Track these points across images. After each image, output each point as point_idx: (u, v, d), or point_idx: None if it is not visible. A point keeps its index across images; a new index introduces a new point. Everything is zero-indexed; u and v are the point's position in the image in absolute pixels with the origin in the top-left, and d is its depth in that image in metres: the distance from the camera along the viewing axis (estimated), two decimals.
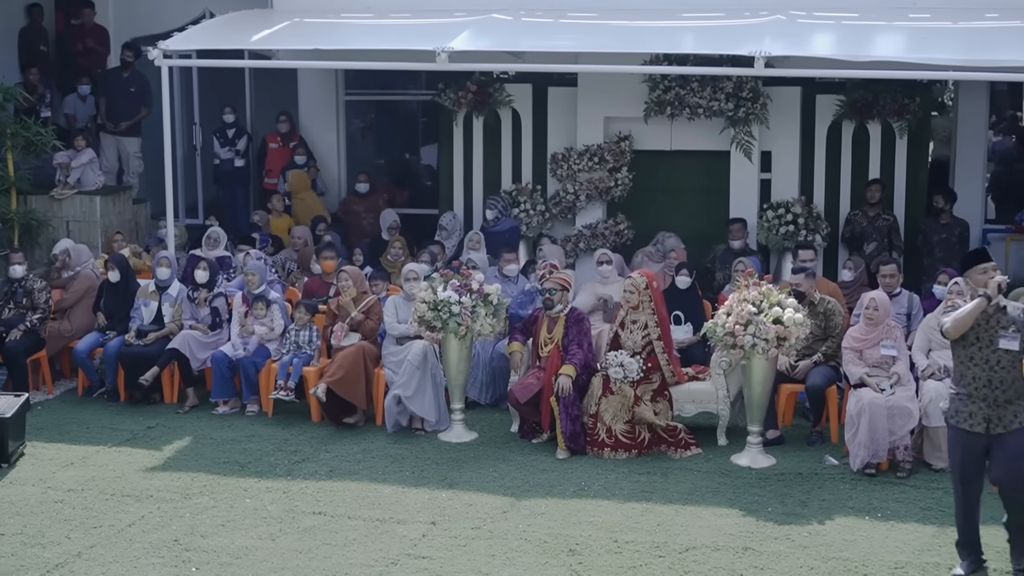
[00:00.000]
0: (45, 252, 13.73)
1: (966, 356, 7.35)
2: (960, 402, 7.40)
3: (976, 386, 7.32)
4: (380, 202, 14.93)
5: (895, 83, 12.91)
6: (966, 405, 7.37)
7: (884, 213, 13.09)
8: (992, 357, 7.29)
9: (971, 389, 7.34)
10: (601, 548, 8.08)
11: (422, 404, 10.62)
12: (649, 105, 13.25)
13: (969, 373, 7.34)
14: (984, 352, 7.30)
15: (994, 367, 7.29)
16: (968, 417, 7.35)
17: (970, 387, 7.34)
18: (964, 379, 7.38)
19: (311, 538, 8.28)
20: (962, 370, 7.40)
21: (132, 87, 15.29)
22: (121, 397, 11.53)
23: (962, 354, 7.37)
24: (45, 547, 8.14)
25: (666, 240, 13.30)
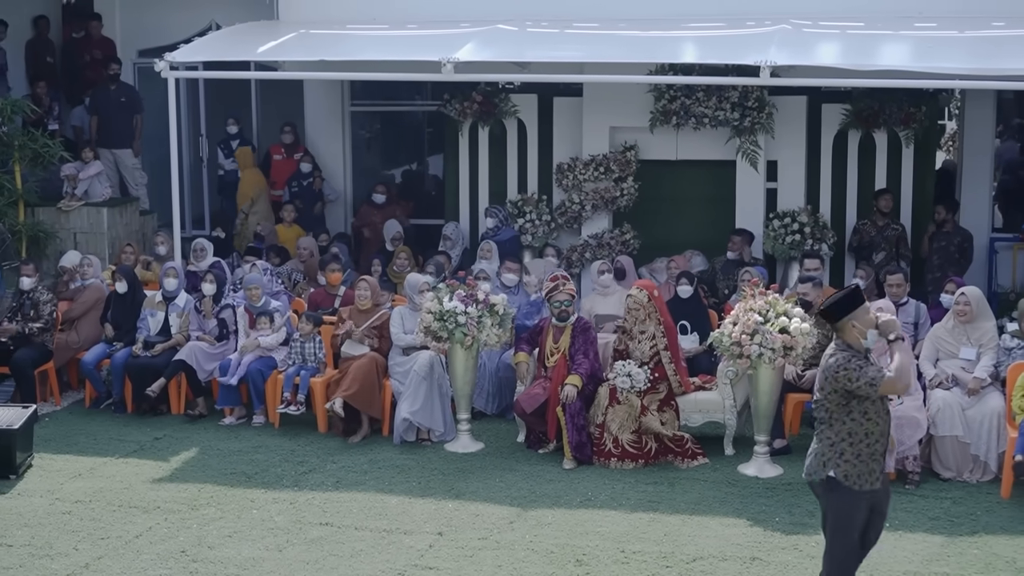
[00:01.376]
0: (52, 264, 13.75)
1: (860, 412, 6.48)
2: (862, 464, 6.51)
3: (875, 440, 6.54)
4: (397, 212, 14.93)
5: (901, 92, 12.90)
6: (868, 465, 6.52)
7: (893, 223, 13.08)
8: (885, 405, 6.62)
9: (874, 448, 6.53)
10: (608, 558, 8.07)
11: (429, 415, 10.62)
12: (655, 115, 13.24)
13: (863, 429, 6.50)
14: (879, 403, 6.56)
15: (885, 415, 6.62)
16: (868, 476, 6.54)
17: (873, 445, 6.52)
18: (860, 437, 6.51)
19: (318, 549, 8.27)
20: (855, 428, 6.51)
21: (122, 98, 15.31)
22: (128, 408, 11.54)
23: (856, 411, 6.48)
24: (53, 558, 8.14)
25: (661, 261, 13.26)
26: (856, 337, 6.52)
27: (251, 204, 15.22)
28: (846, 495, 6.53)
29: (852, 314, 6.55)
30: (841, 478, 6.51)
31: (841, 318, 6.56)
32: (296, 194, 15.26)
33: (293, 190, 15.33)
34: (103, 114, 15.27)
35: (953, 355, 9.92)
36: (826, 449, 6.57)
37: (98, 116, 15.30)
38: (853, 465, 6.51)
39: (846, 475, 6.51)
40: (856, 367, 6.40)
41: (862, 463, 6.51)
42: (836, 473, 6.52)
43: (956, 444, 9.53)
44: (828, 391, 6.54)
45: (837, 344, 6.59)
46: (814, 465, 6.64)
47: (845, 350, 6.51)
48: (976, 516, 8.79)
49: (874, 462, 6.55)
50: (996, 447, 9.46)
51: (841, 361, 6.45)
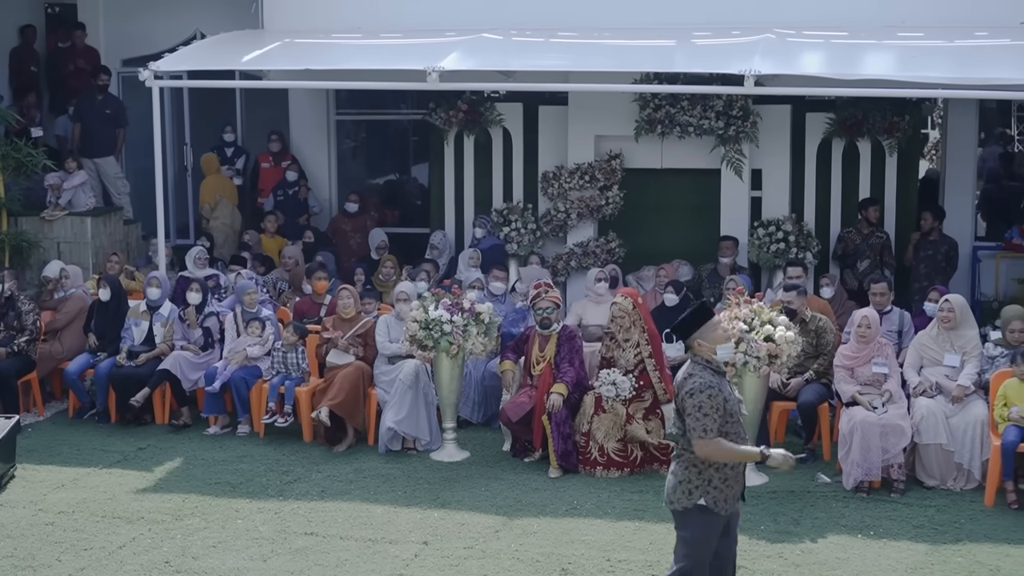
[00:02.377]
0: (36, 273, 13.71)
1: (733, 431, 6.38)
2: (728, 488, 6.40)
3: (737, 463, 6.46)
4: (368, 222, 14.94)
5: (885, 101, 12.94)
6: (732, 488, 6.43)
7: (877, 231, 13.11)
8: (741, 421, 6.50)
9: (736, 470, 6.45)
10: (594, 567, 8.07)
11: (414, 424, 10.61)
12: (640, 124, 13.26)
13: None
14: (739, 422, 6.45)
15: (744, 433, 6.51)
16: (733, 499, 6.47)
17: (737, 467, 6.44)
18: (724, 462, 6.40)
19: (303, 559, 8.25)
20: None
21: (107, 109, 15.28)
22: (112, 418, 11.51)
23: (729, 429, 6.36)
24: (36, 570, 8.11)
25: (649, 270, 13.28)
26: (707, 353, 6.38)
27: (211, 209, 15.23)
28: (711, 520, 6.39)
29: (698, 332, 6.40)
30: (710, 505, 6.36)
31: (688, 336, 6.44)
32: (281, 203, 15.26)
33: (279, 199, 15.32)
34: (87, 124, 15.23)
35: (937, 363, 9.95)
36: (692, 476, 6.37)
37: (81, 125, 15.26)
38: (720, 491, 6.37)
39: (715, 501, 6.36)
40: (697, 404, 6.23)
41: (728, 487, 6.38)
42: (706, 501, 6.35)
43: (940, 452, 9.55)
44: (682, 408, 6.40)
45: (694, 360, 6.43)
46: (679, 493, 6.41)
47: (705, 368, 6.36)
48: (960, 524, 8.81)
49: (736, 484, 6.44)
50: (980, 455, 9.49)
51: (692, 386, 6.30)
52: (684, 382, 6.37)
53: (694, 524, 6.41)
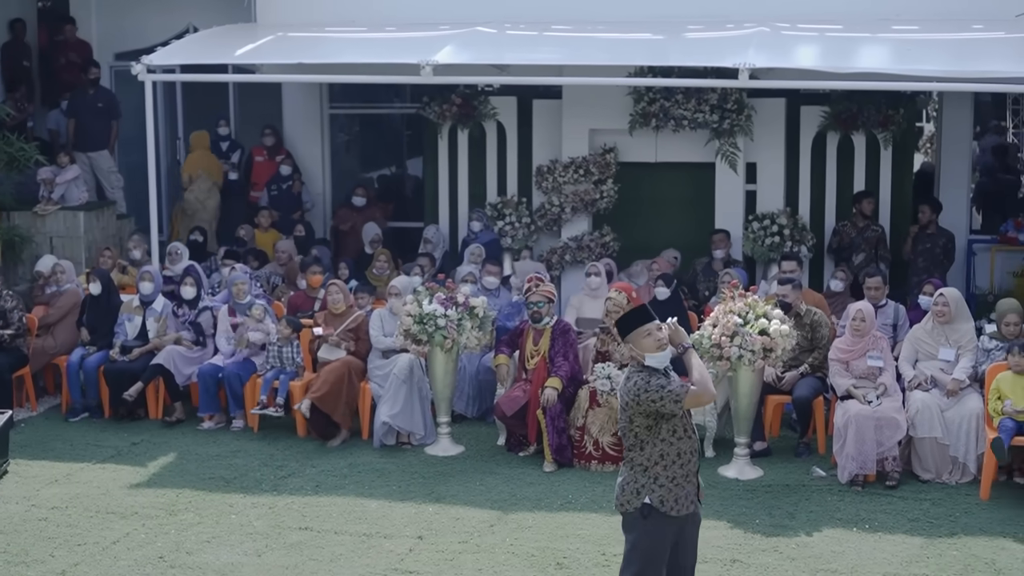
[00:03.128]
0: (28, 268, 13.67)
1: (669, 431, 6.23)
2: (677, 488, 6.23)
3: (687, 459, 6.28)
4: (377, 215, 14.91)
5: (879, 94, 12.92)
6: (683, 488, 6.25)
7: (872, 224, 13.10)
8: (690, 420, 6.39)
9: (687, 468, 6.27)
10: (589, 561, 8.06)
11: (408, 418, 10.59)
12: (634, 117, 13.24)
13: (675, 449, 6.25)
14: (686, 418, 6.32)
15: (693, 432, 6.38)
16: (685, 500, 6.28)
17: (686, 466, 6.27)
18: (673, 458, 6.25)
19: (297, 554, 8.24)
20: (666, 450, 6.24)
21: (100, 103, 15.24)
22: (105, 413, 11.47)
23: (664, 430, 6.22)
24: (29, 565, 8.09)
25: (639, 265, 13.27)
26: (636, 357, 6.28)
27: (190, 180, 15.20)
28: (659, 522, 6.23)
29: (630, 335, 6.31)
30: (657, 504, 6.21)
31: (623, 337, 6.36)
32: (275, 197, 15.23)
33: (272, 193, 15.29)
34: (80, 118, 15.19)
35: (932, 356, 9.95)
36: (639, 476, 6.25)
37: (75, 120, 15.22)
38: (668, 490, 6.21)
39: (662, 500, 6.21)
40: (657, 386, 6.13)
41: (677, 487, 6.23)
42: (652, 499, 6.21)
43: (935, 445, 9.55)
44: (632, 414, 6.23)
45: (632, 364, 6.35)
46: (627, 494, 6.29)
47: (641, 370, 6.25)
48: (955, 517, 8.80)
49: (688, 484, 6.27)
50: (975, 448, 9.49)
51: (640, 383, 6.18)
52: (625, 387, 6.28)
53: (641, 525, 6.27)
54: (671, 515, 6.22)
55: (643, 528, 6.26)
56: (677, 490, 6.23)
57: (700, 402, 6.33)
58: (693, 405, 6.27)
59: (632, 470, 6.31)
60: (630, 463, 6.33)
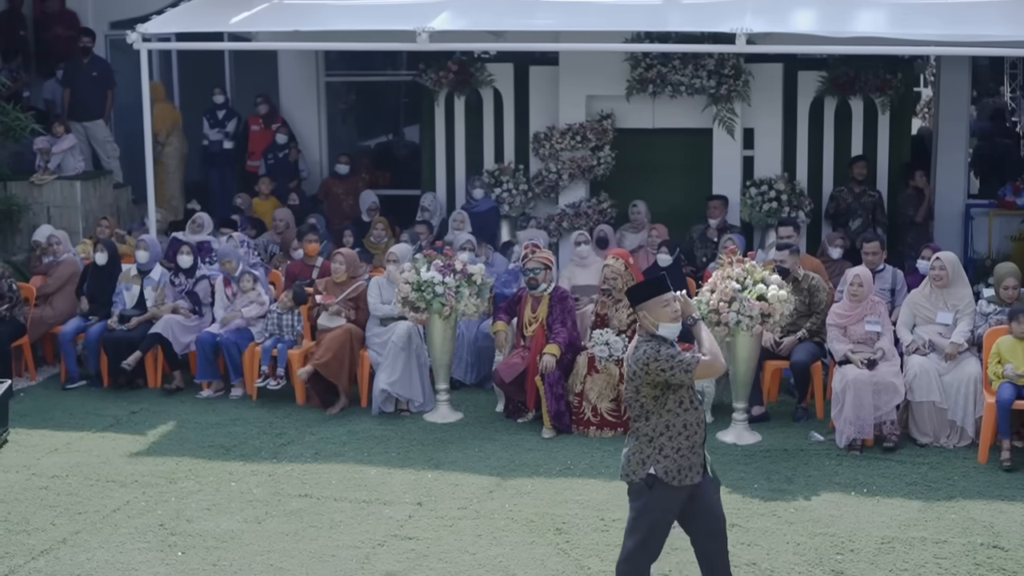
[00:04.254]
0: (26, 238, 13.66)
1: (676, 403, 6.20)
2: (682, 458, 6.20)
3: (694, 431, 6.25)
4: (360, 184, 14.90)
5: (877, 59, 12.91)
6: (688, 459, 6.22)
7: (869, 189, 13.10)
8: (697, 394, 6.41)
9: (693, 439, 6.23)
10: (588, 526, 8.08)
11: (407, 386, 10.61)
12: (631, 83, 13.21)
13: (680, 420, 6.21)
14: (691, 390, 6.30)
15: (699, 403, 6.37)
16: (689, 471, 6.23)
17: (692, 437, 6.23)
18: (679, 429, 6.21)
19: (297, 521, 8.26)
20: (672, 420, 6.21)
21: (94, 72, 15.18)
22: (104, 382, 11.48)
23: (671, 401, 6.19)
24: (30, 534, 8.10)
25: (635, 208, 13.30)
26: (648, 326, 6.22)
27: (166, 135, 15.19)
28: (664, 492, 6.21)
29: (645, 304, 6.25)
30: (661, 474, 6.17)
31: (635, 305, 6.31)
32: (271, 166, 15.20)
33: (269, 163, 15.27)
34: (75, 88, 15.13)
35: (930, 320, 9.95)
36: (644, 446, 6.24)
37: (71, 89, 15.17)
38: (673, 460, 6.18)
39: (666, 471, 6.18)
40: (667, 356, 6.08)
41: (682, 457, 6.19)
42: (656, 470, 6.18)
43: (933, 409, 9.57)
44: (640, 384, 6.20)
45: (640, 334, 6.29)
46: (632, 464, 6.28)
47: (650, 340, 6.20)
48: (953, 481, 8.83)
49: (694, 455, 6.24)
50: (973, 412, 9.51)
51: (650, 352, 6.13)
52: (633, 356, 6.21)
53: (646, 494, 6.26)
54: (675, 485, 6.20)
55: (648, 498, 6.25)
56: (682, 461, 6.20)
57: (710, 373, 6.28)
58: (703, 376, 6.22)
59: (638, 440, 6.29)
60: (636, 434, 6.31)
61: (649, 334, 6.24)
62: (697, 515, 6.38)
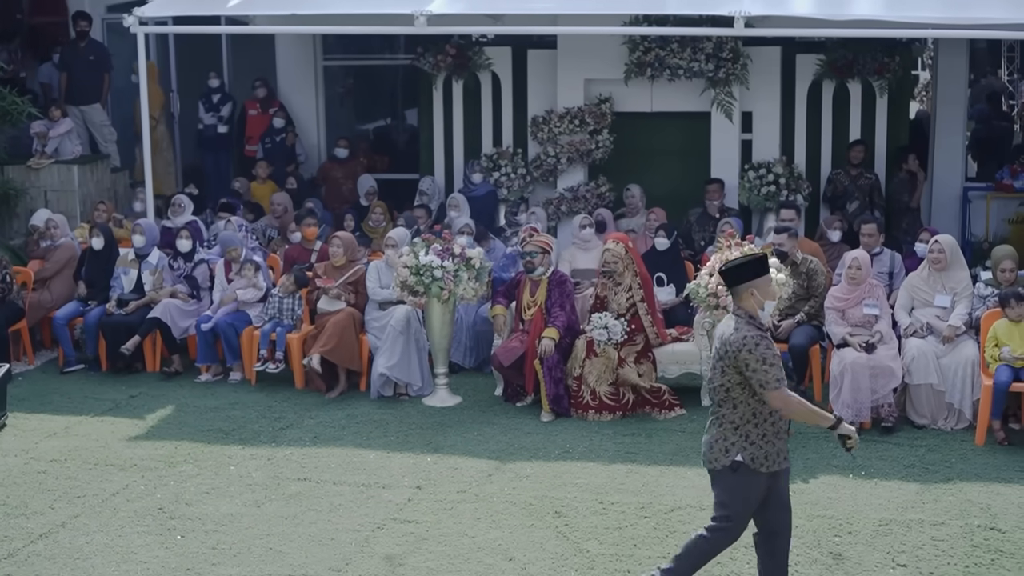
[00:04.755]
0: (23, 222, 13.65)
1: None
2: (768, 445, 6.16)
3: (779, 418, 6.18)
4: (359, 168, 14.88)
5: (875, 42, 12.89)
6: (774, 445, 6.18)
7: (866, 172, 13.10)
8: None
9: (778, 425, 6.19)
10: (587, 510, 8.09)
11: (406, 370, 10.61)
12: (629, 67, 13.19)
13: (767, 408, 6.13)
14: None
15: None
16: (776, 456, 6.20)
17: (778, 423, 6.18)
18: (764, 416, 6.15)
19: (296, 504, 8.27)
20: (758, 408, 6.13)
21: (91, 56, 15.14)
22: (103, 366, 11.49)
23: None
24: (29, 517, 8.12)
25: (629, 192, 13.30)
26: (754, 306, 6.14)
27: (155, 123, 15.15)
28: (750, 477, 6.17)
29: (753, 282, 6.13)
30: (748, 461, 6.14)
31: (741, 283, 6.16)
32: (269, 150, 15.18)
33: (267, 147, 15.25)
34: (72, 71, 15.11)
35: (928, 303, 9.96)
36: (729, 434, 6.17)
37: (67, 73, 15.14)
38: (760, 447, 6.14)
39: (753, 458, 6.14)
40: (761, 357, 5.99)
41: (768, 444, 6.16)
42: (743, 457, 6.14)
43: (931, 392, 9.59)
44: (726, 365, 6.12)
45: (738, 314, 6.16)
46: (716, 452, 6.22)
47: (749, 322, 6.10)
48: (951, 463, 8.85)
49: (779, 441, 6.20)
50: (970, 395, 9.52)
51: (748, 341, 6.03)
52: (732, 336, 6.08)
53: (730, 481, 6.21)
54: (760, 471, 6.16)
55: (733, 481, 6.21)
56: (768, 447, 6.16)
57: (775, 405, 6.09)
58: (772, 403, 6.07)
59: (722, 427, 6.20)
60: (720, 420, 6.22)
61: (748, 315, 6.14)
62: (771, 505, 6.33)
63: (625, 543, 7.57)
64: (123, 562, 7.40)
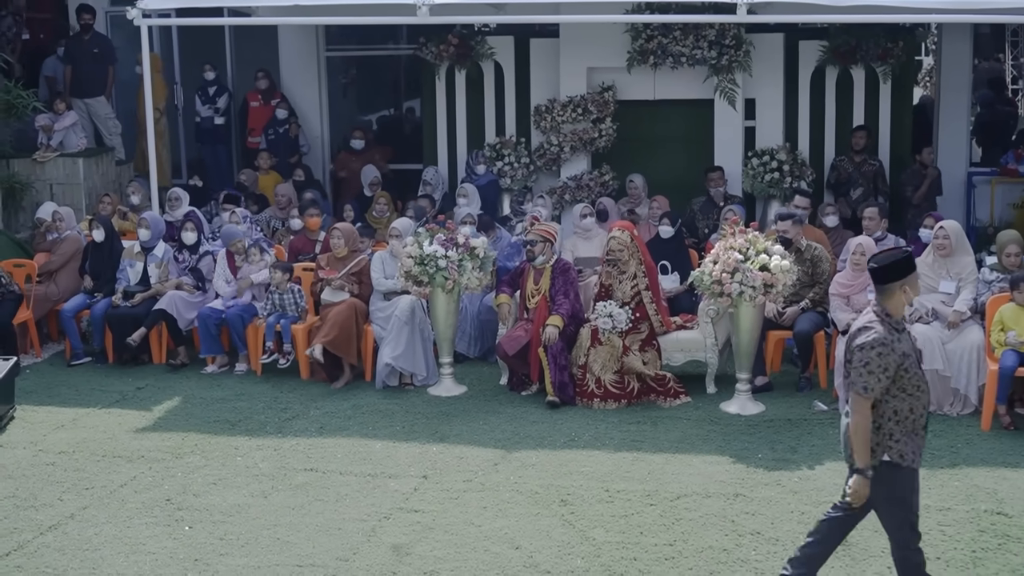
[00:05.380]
0: (29, 215, 13.66)
1: (899, 388, 6.02)
2: (915, 440, 6.08)
3: (920, 414, 6.11)
4: (376, 158, 14.87)
5: (878, 27, 12.87)
6: (915, 441, 6.10)
7: (870, 159, 13.08)
8: (922, 372, 6.19)
9: (918, 422, 6.10)
10: (593, 498, 8.11)
11: (411, 360, 10.63)
12: (632, 55, 13.18)
13: (907, 405, 6.06)
14: (919, 372, 6.12)
15: (926, 385, 6.18)
16: (918, 449, 6.13)
17: (918, 420, 6.09)
18: (905, 414, 6.05)
19: (303, 494, 8.29)
20: (899, 406, 6.04)
21: (95, 48, 15.14)
22: (109, 359, 11.52)
23: (894, 386, 6.01)
24: (38, 509, 8.14)
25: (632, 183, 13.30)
26: (903, 302, 6.03)
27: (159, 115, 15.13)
28: (904, 476, 6.08)
29: (907, 279, 6.02)
30: (897, 459, 6.03)
31: (894, 281, 6.02)
32: (272, 142, 15.18)
33: (270, 138, 15.25)
34: (76, 64, 15.11)
35: (933, 289, 9.96)
36: (872, 433, 6.03)
37: (72, 66, 15.15)
38: (905, 443, 6.04)
39: (901, 455, 6.03)
40: (866, 360, 5.90)
41: (911, 439, 6.07)
42: (891, 456, 6.03)
43: (936, 377, 9.57)
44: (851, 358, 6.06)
45: (876, 312, 6.05)
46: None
47: (885, 321, 5.99)
48: (957, 449, 8.85)
49: (919, 437, 6.11)
50: (976, 380, 9.53)
51: (867, 342, 5.95)
52: (858, 333, 6.03)
53: (885, 482, 6.08)
54: (913, 467, 6.08)
55: (888, 483, 6.09)
56: (912, 443, 6.07)
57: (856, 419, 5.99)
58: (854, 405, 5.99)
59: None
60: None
61: (885, 313, 6.04)
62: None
63: (631, 531, 7.59)
64: (132, 553, 7.43)
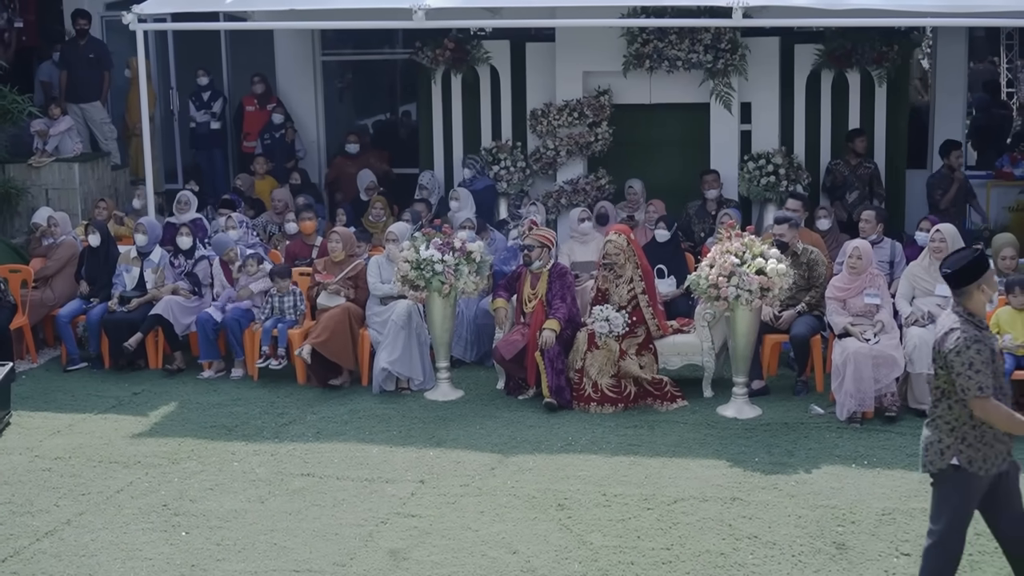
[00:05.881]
0: (25, 221, 13.66)
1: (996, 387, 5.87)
2: (987, 447, 5.91)
3: None
4: (372, 162, 14.87)
5: (873, 31, 12.89)
6: (993, 448, 5.93)
7: (865, 161, 13.10)
8: (1005, 382, 6.04)
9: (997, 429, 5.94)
10: (590, 502, 8.11)
11: (407, 364, 10.62)
12: (628, 59, 13.19)
13: None
14: (1000, 378, 5.95)
15: (1008, 390, 6.07)
16: (995, 459, 5.96)
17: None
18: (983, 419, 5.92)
19: (300, 499, 8.29)
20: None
21: (91, 54, 15.14)
22: (105, 364, 11.51)
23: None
24: (34, 515, 8.13)
25: (631, 188, 13.31)
26: (982, 301, 5.96)
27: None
28: (969, 481, 5.95)
29: (984, 278, 5.95)
30: (965, 464, 5.91)
31: (971, 283, 5.95)
32: (268, 146, 15.18)
33: (266, 143, 15.25)
34: (72, 69, 15.11)
35: (929, 292, 9.96)
36: (944, 435, 5.96)
37: (67, 71, 15.14)
38: (977, 449, 5.91)
39: (970, 461, 5.91)
40: (969, 361, 5.78)
41: (987, 446, 5.91)
42: (960, 460, 5.92)
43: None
44: (941, 367, 5.96)
45: (958, 312, 5.96)
46: (931, 454, 6.02)
47: (968, 321, 5.91)
48: None
49: (999, 443, 5.95)
50: None
51: (960, 344, 5.84)
52: (947, 337, 5.92)
53: (949, 484, 5.99)
54: (979, 475, 5.94)
55: (951, 485, 6.01)
56: (987, 449, 5.93)
57: (987, 417, 5.86)
58: (979, 412, 5.85)
59: (937, 429, 6.02)
60: (936, 421, 6.05)
61: (968, 313, 5.97)
62: (1000, 505, 6.13)
63: (628, 535, 7.59)
64: (128, 559, 7.42)
